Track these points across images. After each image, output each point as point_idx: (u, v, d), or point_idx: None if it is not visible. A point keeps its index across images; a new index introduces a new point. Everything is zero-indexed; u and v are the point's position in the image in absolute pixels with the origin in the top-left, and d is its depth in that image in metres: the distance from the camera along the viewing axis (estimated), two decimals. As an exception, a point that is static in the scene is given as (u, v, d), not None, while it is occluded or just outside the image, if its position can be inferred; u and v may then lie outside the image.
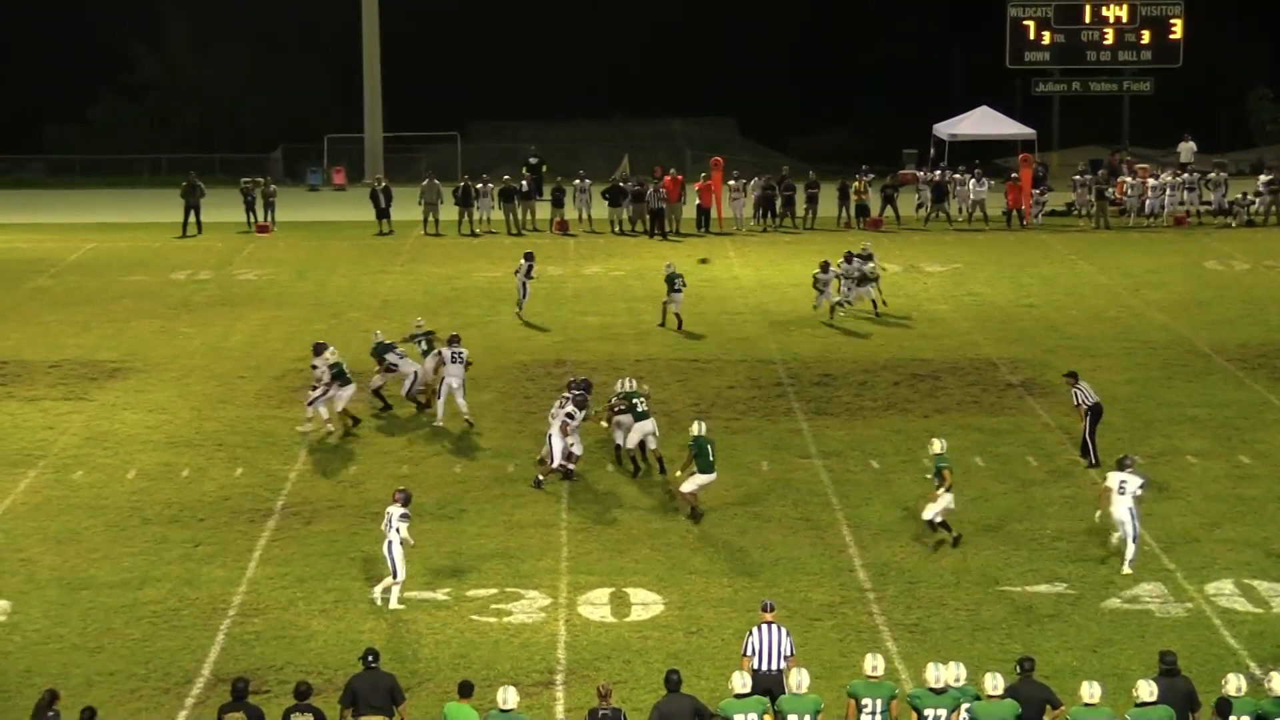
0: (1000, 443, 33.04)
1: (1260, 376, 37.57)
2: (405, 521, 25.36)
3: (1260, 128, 79.10)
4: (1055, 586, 25.87)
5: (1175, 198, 58.43)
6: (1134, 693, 19.21)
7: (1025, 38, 67.88)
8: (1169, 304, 44.95)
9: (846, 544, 27.73)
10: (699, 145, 72.48)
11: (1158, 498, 29.66)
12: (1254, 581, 25.92)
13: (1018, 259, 51.62)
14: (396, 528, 25.25)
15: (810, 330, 42.22)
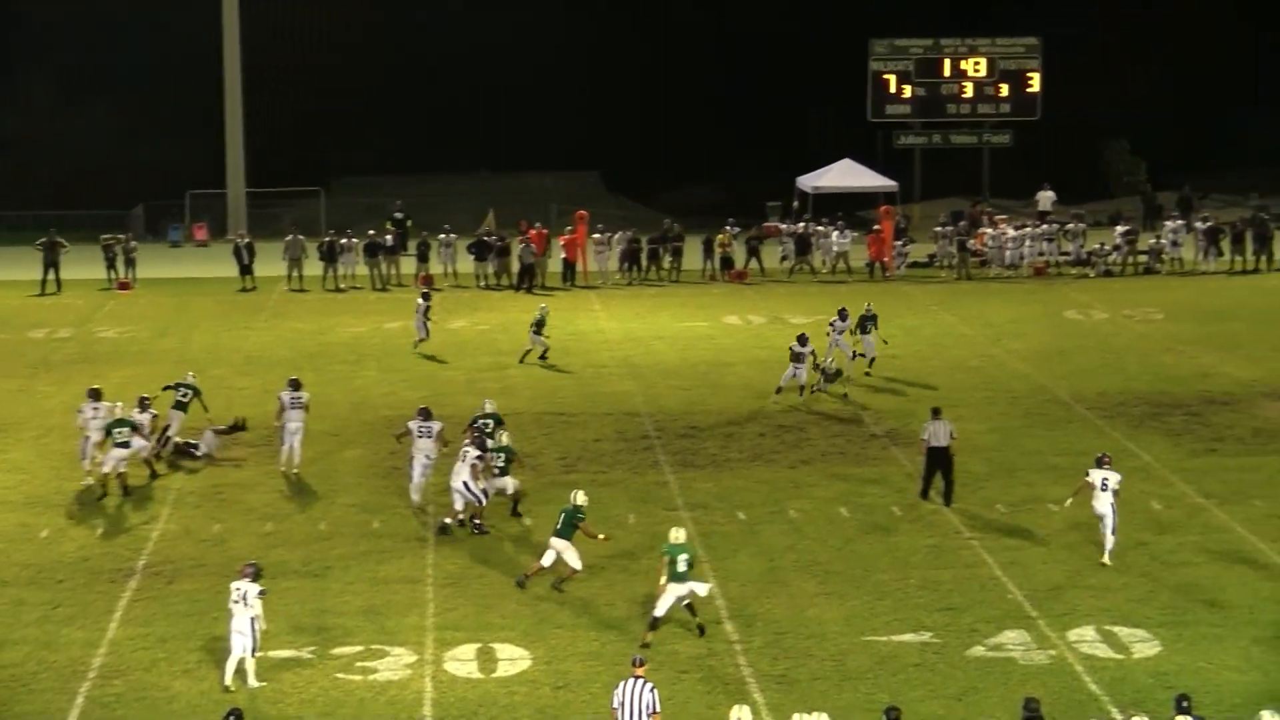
0: (865, 493, 33.26)
1: (1119, 424, 38.08)
2: (261, 598, 24.76)
3: (1117, 179, 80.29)
4: (920, 635, 26.04)
5: (1035, 248, 59.22)
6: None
7: (886, 91, 68.70)
8: (1029, 353, 45.49)
9: (713, 596, 27.75)
10: (564, 199, 72.50)
11: (1021, 546, 29.99)
12: (1114, 628, 26.23)
13: (881, 310, 51.90)
14: (252, 604, 24.62)
15: (676, 382, 42.33)
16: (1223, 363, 44.29)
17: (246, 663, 24.59)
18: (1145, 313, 51.43)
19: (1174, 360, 44.86)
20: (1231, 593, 27.68)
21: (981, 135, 69.94)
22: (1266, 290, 55.17)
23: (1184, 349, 46.09)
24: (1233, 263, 58.80)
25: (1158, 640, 25.70)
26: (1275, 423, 38.18)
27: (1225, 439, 36.96)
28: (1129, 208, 70.45)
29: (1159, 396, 40.74)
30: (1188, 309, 51.86)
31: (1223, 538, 30.45)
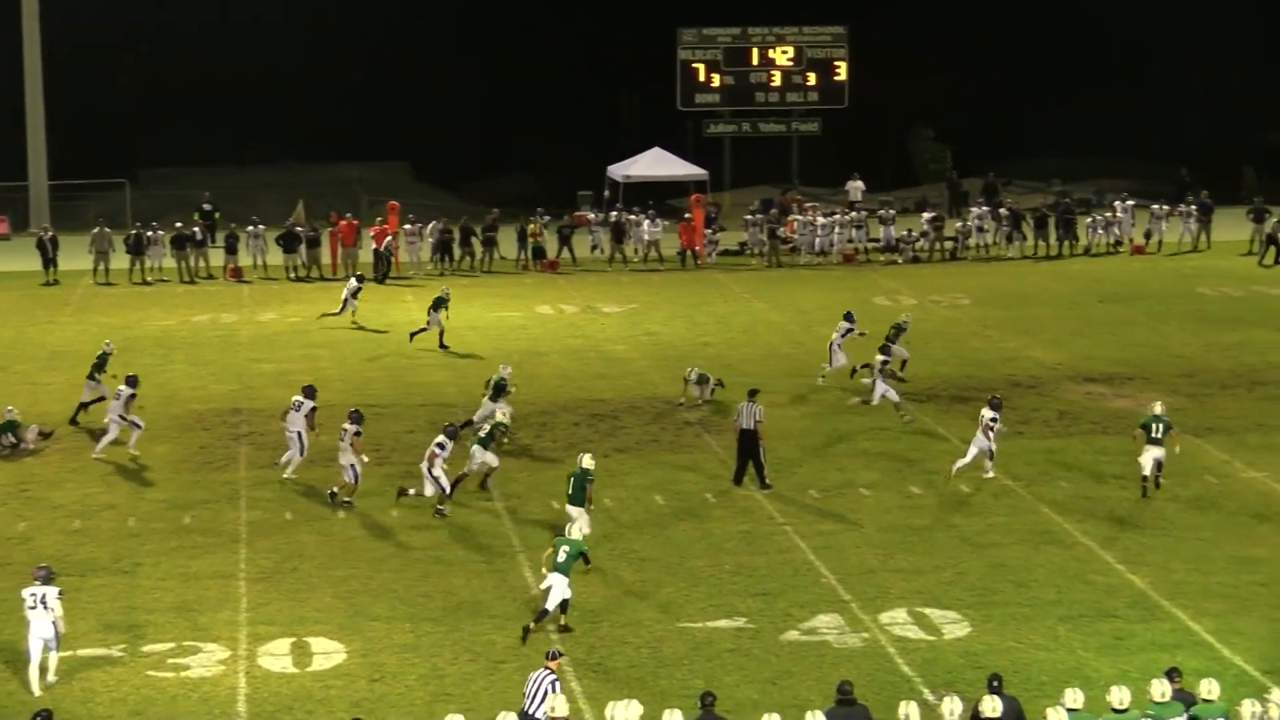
0: (679, 480, 33.40)
1: (928, 409, 38.57)
2: (61, 598, 24.25)
3: (923, 167, 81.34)
4: (735, 621, 26.20)
5: (844, 235, 59.85)
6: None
7: (695, 80, 68.98)
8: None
9: (529, 585, 27.74)
10: (374, 190, 72.08)
11: (835, 531, 30.28)
12: (926, 610, 26.56)
13: (693, 298, 52.34)
14: (53, 606, 24.10)
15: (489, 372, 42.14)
16: (1027, 347, 45.05)
17: (49, 660, 24.07)
18: (952, 298, 52.18)
19: (981, 345, 45.55)
20: (1039, 573, 28.16)
21: (790, 123, 70.49)
22: (1069, 275, 56.19)
23: (990, 333, 46.82)
24: (1036, 248, 59.82)
25: (968, 621, 26.08)
26: (1080, 405, 38.90)
27: (1031, 421, 37.59)
28: (935, 195, 71.42)
29: (966, 381, 41.35)
30: (993, 294, 52.69)
31: (1030, 519, 30.96)
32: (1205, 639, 25.30)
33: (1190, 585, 27.50)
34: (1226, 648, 24.93)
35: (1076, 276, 55.98)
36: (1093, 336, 45.95)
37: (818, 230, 59.42)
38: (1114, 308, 50.07)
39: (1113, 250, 60.29)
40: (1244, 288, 53.21)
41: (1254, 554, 28.95)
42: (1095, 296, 52.22)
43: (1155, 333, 46.68)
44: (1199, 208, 60.95)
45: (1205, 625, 25.79)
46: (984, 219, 60.43)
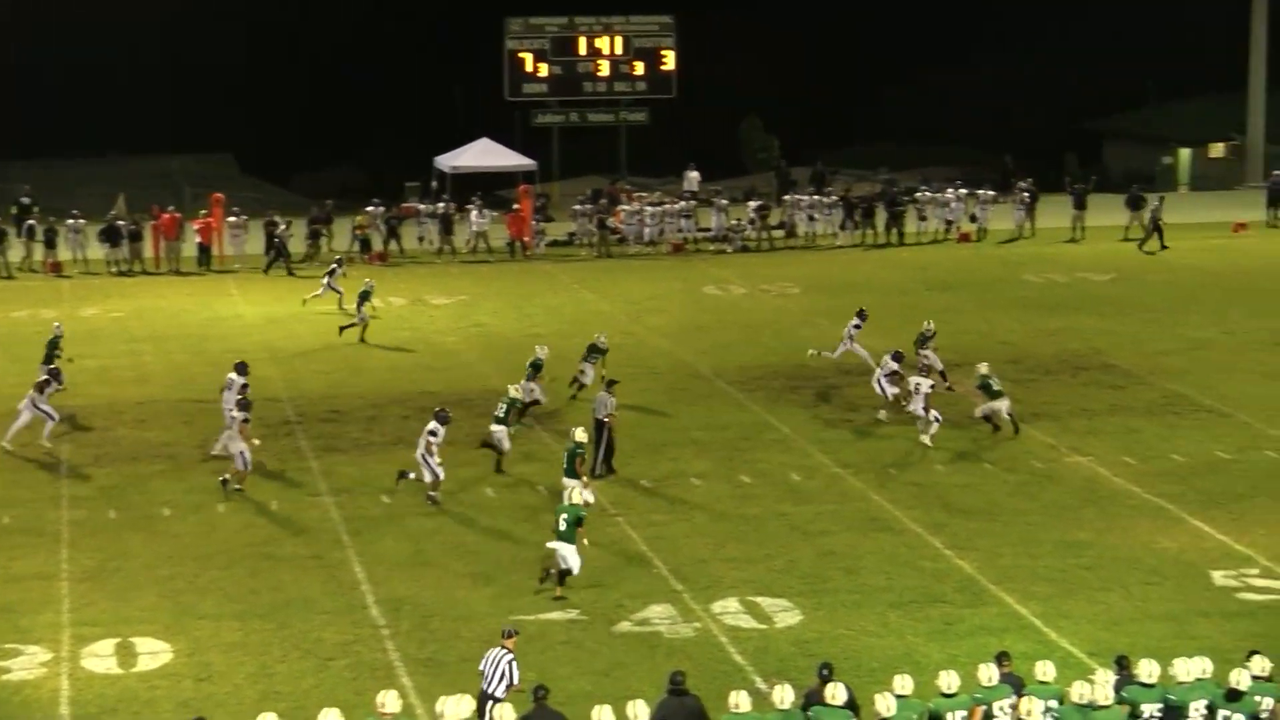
0: (511, 473, 33.35)
1: (759, 398, 38.82)
2: None
3: (752, 155, 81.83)
4: (568, 613, 26.21)
5: (673, 225, 60.04)
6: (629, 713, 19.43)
7: (522, 70, 68.67)
8: (670, 329, 46.08)
9: (359, 581, 27.60)
10: (196, 182, 71.27)
11: (667, 521, 30.39)
12: (757, 599, 26.73)
13: (522, 289, 52.27)
14: None
15: (317, 366, 41.90)
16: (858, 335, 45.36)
17: None
18: (781, 287, 52.53)
19: (810, 334, 45.82)
20: (868, 560, 28.44)
21: (618, 113, 70.46)
22: (896, 263, 56.76)
23: (819, 322, 47.16)
24: (864, 236, 60.37)
25: (799, 609, 26.28)
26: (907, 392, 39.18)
27: (861, 409, 37.93)
28: (763, 184, 71.83)
29: (796, 370, 41.64)
30: (822, 283, 53.11)
31: (859, 506, 31.27)
32: (1033, 622, 25.69)
33: (1018, 569, 27.91)
34: (1053, 630, 25.33)
35: (904, 264, 56.56)
36: (920, 324, 46.38)
37: (646, 220, 59.57)
38: (941, 295, 50.64)
39: (941, 238, 60.94)
40: (1069, 274, 54.04)
41: (1079, 538, 29.44)
42: (923, 284, 52.81)
43: (982, 319, 47.30)
44: (1029, 195, 61.76)
45: (1032, 609, 26.18)
46: (814, 208, 60.86)
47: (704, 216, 61.40)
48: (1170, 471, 33.17)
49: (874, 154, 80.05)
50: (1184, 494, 31.73)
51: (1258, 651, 20.47)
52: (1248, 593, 26.82)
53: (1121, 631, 25.26)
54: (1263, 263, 55.80)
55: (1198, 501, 31.26)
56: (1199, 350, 43.12)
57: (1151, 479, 32.63)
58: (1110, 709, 19.41)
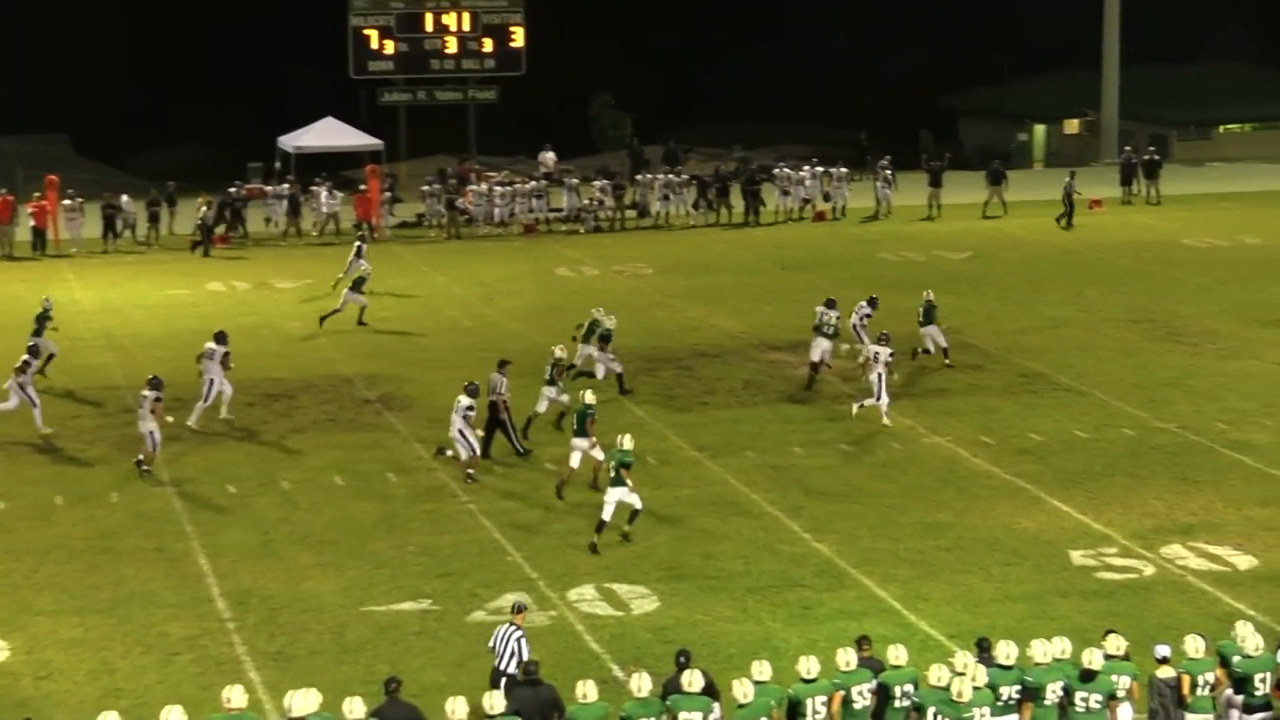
0: (360, 460, 33.17)
1: (614, 381, 38.78)
2: None
3: (603, 134, 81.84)
4: (420, 604, 26.11)
5: (525, 205, 59.93)
6: (485, 704, 19.41)
7: (367, 47, 68.22)
8: (522, 312, 46.02)
9: (204, 573, 27.34)
10: (30, 164, 70.15)
11: (519, 508, 30.35)
12: (614, 585, 26.75)
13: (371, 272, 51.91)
14: None
15: (158, 353, 41.42)
16: (711, 315, 45.64)
17: None
18: (635, 267, 52.62)
19: (664, 315, 46.01)
20: (726, 544, 28.55)
21: (467, 91, 70.24)
22: (751, 243, 57.02)
23: (673, 303, 47.32)
24: (718, 216, 60.58)
25: (655, 595, 26.34)
26: (764, 374, 39.49)
27: (716, 391, 38.09)
28: (616, 162, 71.85)
29: (650, 351, 41.73)
30: (676, 263, 53.25)
31: (716, 490, 31.39)
32: (892, 605, 25.90)
33: (877, 552, 28.13)
34: (913, 613, 25.56)
35: (759, 244, 56.83)
36: (776, 304, 46.71)
37: (496, 201, 59.43)
38: (797, 275, 50.94)
39: (796, 217, 61.26)
40: (925, 252, 54.52)
41: (938, 519, 29.73)
42: (778, 264, 53.09)
43: (838, 299, 47.52)
44: (890, 173, 62.13)
45: (892, 592, 26.41)
46: (667, 186, 60.97)
47: (555, 196, 61.35)
48: (1028, 451, 33.57)
49: (727, 132, 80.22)
50: (1042, 474, 32.13)
51: (1114, 631, 20.77)
52: (1106, 572, 27.21)
53: (981, 613, 25.54)
54: (1118, 239, 56.60)
55: (1056, 481, 31.67)
56: (1056, 329, 43.68)
57: (1010, 459, 33.01)
58: (981, 691, 19.62)
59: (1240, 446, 33.59)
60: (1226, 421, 35.32)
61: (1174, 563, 27.50)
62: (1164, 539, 28.55)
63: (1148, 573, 27.15)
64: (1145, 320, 44.54)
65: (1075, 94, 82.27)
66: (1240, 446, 33.59)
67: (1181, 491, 31.00)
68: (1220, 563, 27.50)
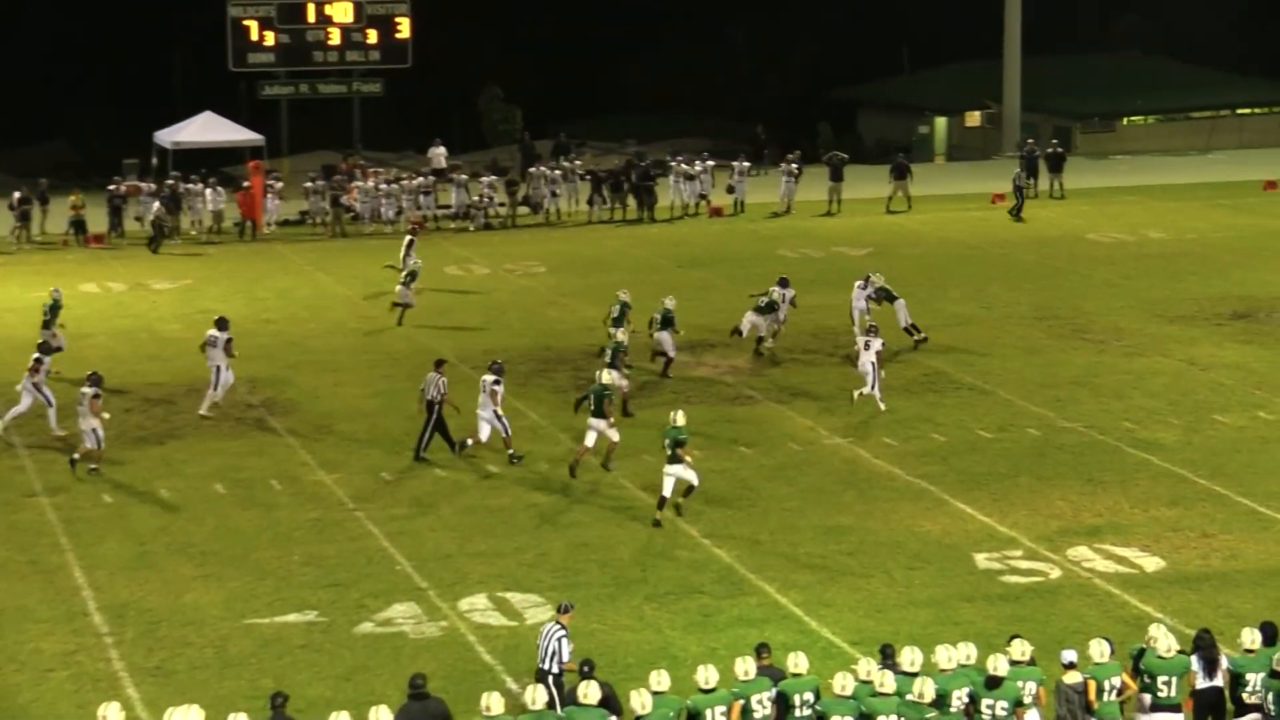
0: (242, 467, 32.96)
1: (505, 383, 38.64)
2: None
3: (493, 128, 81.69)
4: (305, 615, 25.96)
5: (411, 202, 59.72)
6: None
7: (247, 39, 67.77)
8: (411, 312, 45.75)
9: (80, 586, 27.07)
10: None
11: (409, 515, 30.23)
12: (507, 594, 26.71)
13: (252, 272, 51.66)
14: None
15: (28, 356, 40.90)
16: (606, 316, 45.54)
17: None
18: (526, 266, 52.55)
19: (558, 314, 45.97)
20: (623, 550, 28.55)
21: (351, 84, 69.94)
22: (647, 239, 57.09)
23: (567, 302, 47.29)
24: (613, 211, 60.60)
25: (550, 604, 26.22)
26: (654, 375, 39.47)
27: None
28: (506, 157, 71.81)
29: (543, 353, 41.68)
30: (569, 261, 53.22)
31: (613, 494, 31.38)
32: (794, 612, 25.97)
33: (777, 557, 28.21)
34: (814, 620, 25.65)
35: (655, 240, 56.90)
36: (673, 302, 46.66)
37: (383, 198, 59.19)
38: (694, 272, 51.05)
39: (692, 212, 61.36)
40: (825, 249, 54.75)
41: (840, 522, 29.84)
42: (674, 261, 53.16)
43: (736, 297, 47.61)
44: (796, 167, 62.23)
45: (793, 598, 26.47)
46: (557, 182, 60.92)
47: (444, 193, 61.18)
48: (931, 452, 33.76)
49: (620, 125, 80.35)
50: (945, 475, 32.32)
51: (1019, 636, 20.90)
52: (1011, 575, 27.39)
53: (885, 619, 25.65)
54: (1021, 234, 57.03)
55: (960, 483, 31.86)
56: (958, 326, 43.94)
57: (913, 460, 33.18)
58: (888, 698, 19.71)
59: (1146, 446, 33.90)
60: (1133, 420, 35.64)
61: (1080, 565, 27.72)
62: (1070, 541, 28.77)
63: (1054, 576, 27.35)
64: (1050, 317, 44.90)
65: (977, 85, 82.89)
66: (1146, 446, 33.90)
67: (1087, 492, 31.25)
68: (1127, 565, 27.75)
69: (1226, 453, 33.46)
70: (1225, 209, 61.83)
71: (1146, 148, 79.39)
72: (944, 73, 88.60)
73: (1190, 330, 43.29)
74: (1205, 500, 30.76)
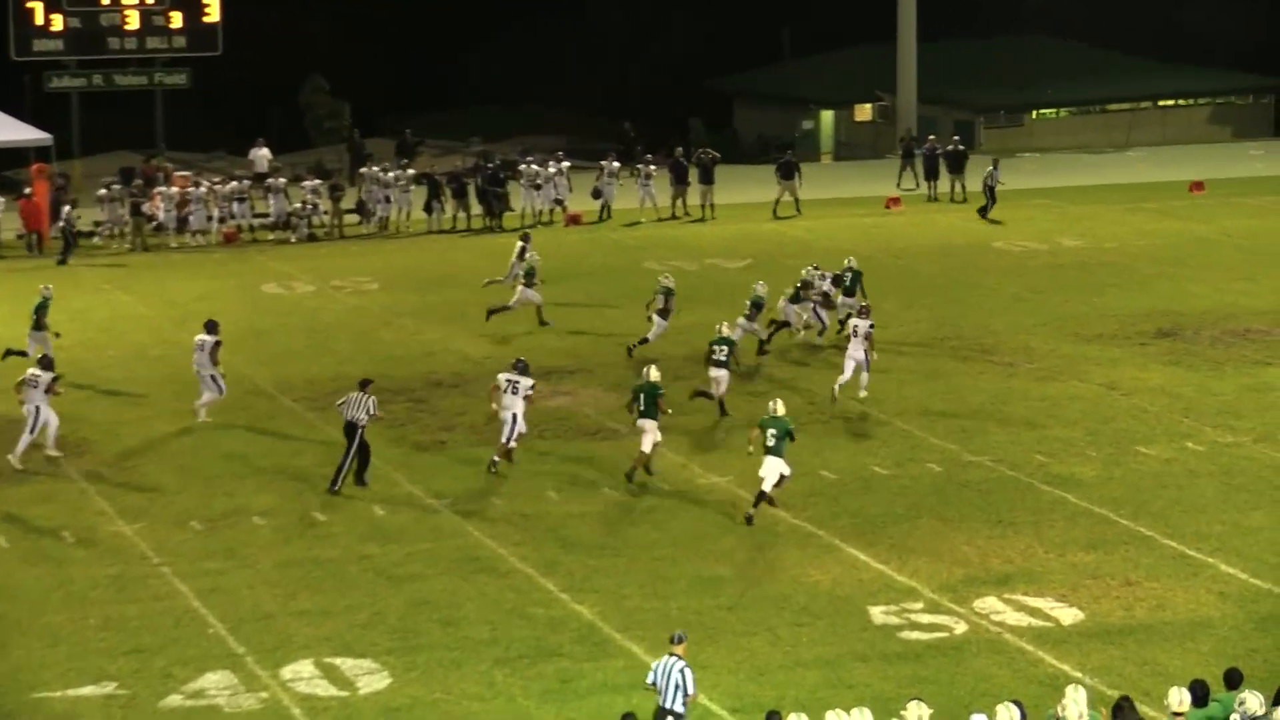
0: (29, 516, 32.72)
1: (333, 417, 38.50)
2: None
3: (317, 125, 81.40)
4: (104, 687, 25.74)
5: (225, 210, 59.38)
6: None
7: (32, 23, 66.97)
8: (224, 336, 45.28)
9: None
10: None
11: (224, 569, 30.05)
12: (336, 660, 26.57)
13: (38, 291, 51.16)
14: None
15: None
16: (450, 337, 45.58)
17: None
18: (357, 282, 52.41)
19: (393, 337, 45.87)
20: (469, 608, 28.50)
21: (153, 75, 69.37)
22: (494, 251, 56.95)
23: (405, 323, 47.22)
24: (455, 220, 60.54)
25: (387, 671, 26.20)
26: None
27: (456, 428, 38.01)
28: (333, 158, 71.59)
29: (379, 381, 41.32)
30: (406, 276, 53.14)
31: (457, 544, 31.32)
32: (665, 675, 26.01)
33: (646, 613, 28.23)
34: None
35: (504, 252, 56.70)
36: (525, 323, 46.73)
37: (191, 205, 58.84)
38: (549, 288, 50.95)
39: (546, 220, 61.39)
40: (698, 260, 54.93)
41: (717, 573, 29.91)
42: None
43: (598, 317, 47.81)
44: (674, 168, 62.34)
45: (664, 659, 26.50)
46: (395, 186, 60.76)
47: (260, 200, 60.87)
48: (820, 491, 33.91)
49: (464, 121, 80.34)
50: (836, 517, 32.48)
51: (919, 699, 21.02)
52: (911, 631, 27.56)
53: (768, 682, 25.75)
54: (919, 243, 57.44)
55: (852, 526, 32.02)
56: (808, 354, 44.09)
57: (799, 501, 33.30)
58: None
59: (1062, 482, 34.23)
60: (1046, 453, 35.98)
61: (988, 618, 27.93)
62: (977, 591, 28.98)
63: (959, 631, 27.55)
64: (952, 337, 45.28)
65: (868, 75, 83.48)
66: (1062, 482, 34.23)
67: (996, 536, 31.50)
68: (1041, 617, 27.99)
69: (1151, 489, 33.85)
70: (1148, 213, 62.65)
71: (1059, 144, 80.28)
72: (830, 61, 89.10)
73: (1110, 350, 43.78)
74: (1128, 543, 31.09)
